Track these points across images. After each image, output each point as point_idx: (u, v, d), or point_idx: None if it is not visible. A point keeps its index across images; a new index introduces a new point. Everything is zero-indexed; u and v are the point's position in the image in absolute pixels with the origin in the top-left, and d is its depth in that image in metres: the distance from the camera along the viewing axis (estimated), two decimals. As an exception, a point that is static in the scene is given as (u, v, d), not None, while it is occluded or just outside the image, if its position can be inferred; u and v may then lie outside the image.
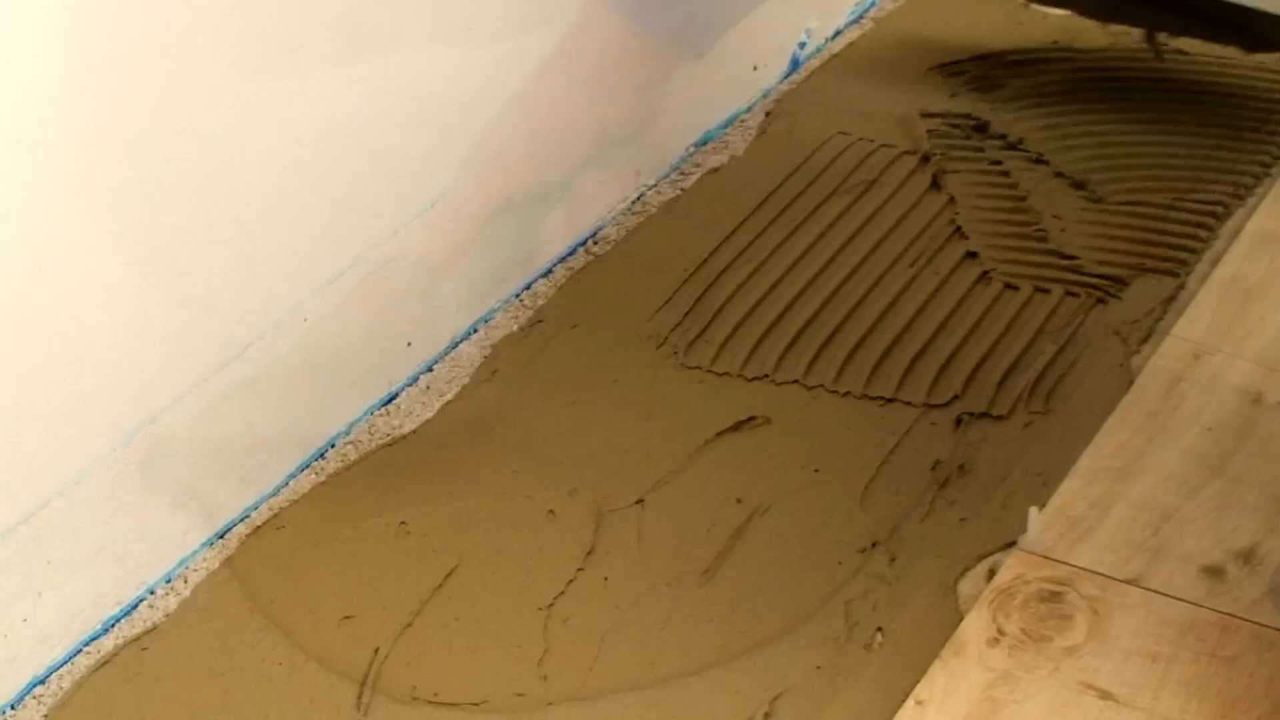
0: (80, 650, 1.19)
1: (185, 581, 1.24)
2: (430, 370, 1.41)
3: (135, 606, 1.22)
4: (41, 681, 1.17)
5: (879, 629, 1.19)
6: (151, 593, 1.23)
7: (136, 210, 1.13)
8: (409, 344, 1.39)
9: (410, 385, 1.40)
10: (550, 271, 1.51)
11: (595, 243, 1.55)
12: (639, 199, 1.60)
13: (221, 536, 1.27)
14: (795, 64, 1.77)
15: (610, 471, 1.31)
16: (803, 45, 1.78)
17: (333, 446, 1.34)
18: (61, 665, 1.18)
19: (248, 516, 1.28)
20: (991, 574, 1.21)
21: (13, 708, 1.15)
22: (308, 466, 1.32)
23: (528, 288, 1.49)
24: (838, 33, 1.83)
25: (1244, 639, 1.14)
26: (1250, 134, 1.64)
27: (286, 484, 1.31)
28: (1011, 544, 1.23)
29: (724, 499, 1.29)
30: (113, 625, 1.21)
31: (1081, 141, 1.64)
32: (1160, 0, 1.69)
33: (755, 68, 1.72)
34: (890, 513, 1.27)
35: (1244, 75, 1.73)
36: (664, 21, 1.57)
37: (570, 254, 1.53)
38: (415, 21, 1.30)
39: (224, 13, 1.14)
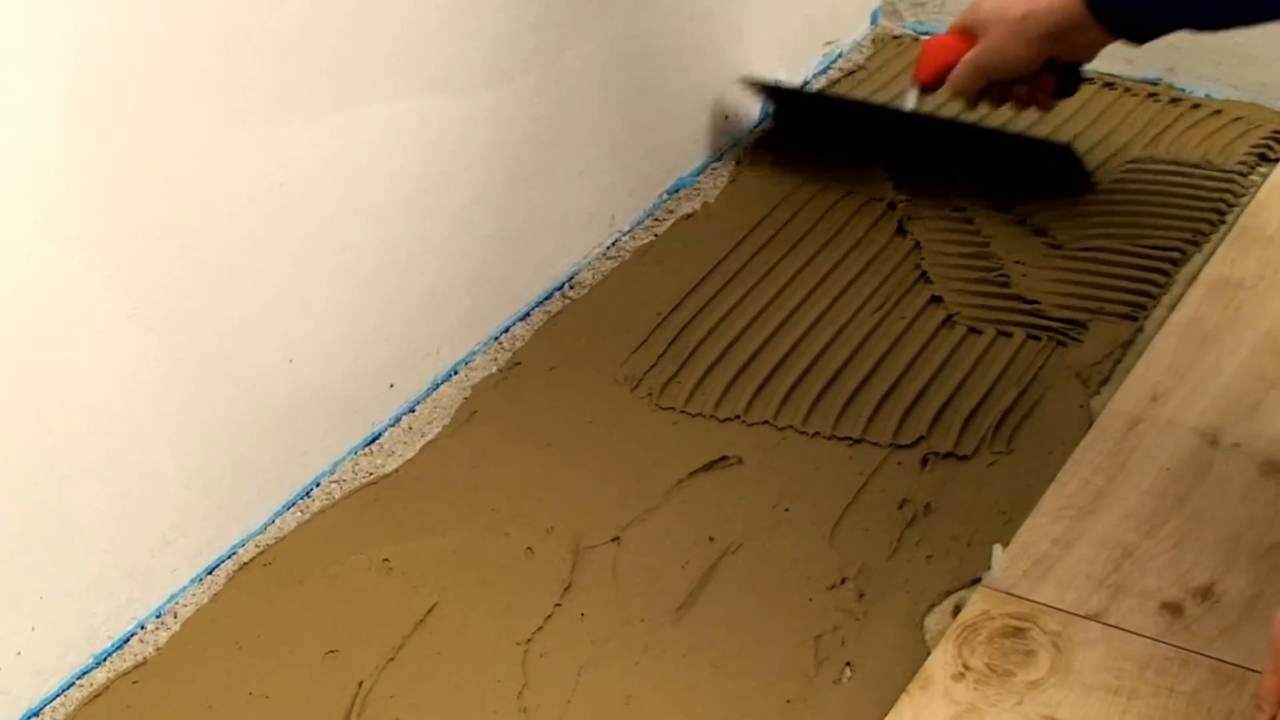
0: (72, 684, 1.20)
1: (175, 616, 1.25)
2: (412, 411, 1.43)
3: (126, 641, 1.23)
4: (35, 714, 1.18)
5: (848, 663, 1.20)
6: (142, 627, 1.24)
7: (125, 254, 1.15)
8: (391, 385, 1.41)
9: (393, 425, 1.41)
10: (528, 315, 1.53)
11: (571, 287, 1.57)
12: (614, 244, 1.62)
13: (210, 572, 1.28)
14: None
15: (587, 510, 1.33)
16: (772, 95, 1.80)
17: (318, 485, 1.36)
18: (54, 698, 1.19)
19: (235, 553, 1.30)
20: (957, 610, 1.23)
21: (7, 740, 1.17)
22: (293, 505, 1.34)
23: (506, 331, 1.51)
24: (805, 83, 1.85)
25: (1202, 674, 1.16)
26: (1206, 182, 1.67)
27: (273, 522, 1.32)
28: (976, 581, 1.25)
29: (697, 537, 1.31)
30: (104, 659, 1.22)
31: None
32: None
33: (727, 117, 1.74)
34: (858, 550, 1.29)
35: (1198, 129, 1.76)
36: (638, 71, 1.60)
37: (547, 298, 1.55)
38: (395, 73, 1.32)
39: (211, 62, 1.16)
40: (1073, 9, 1.48)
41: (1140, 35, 1.50)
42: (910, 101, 1.62)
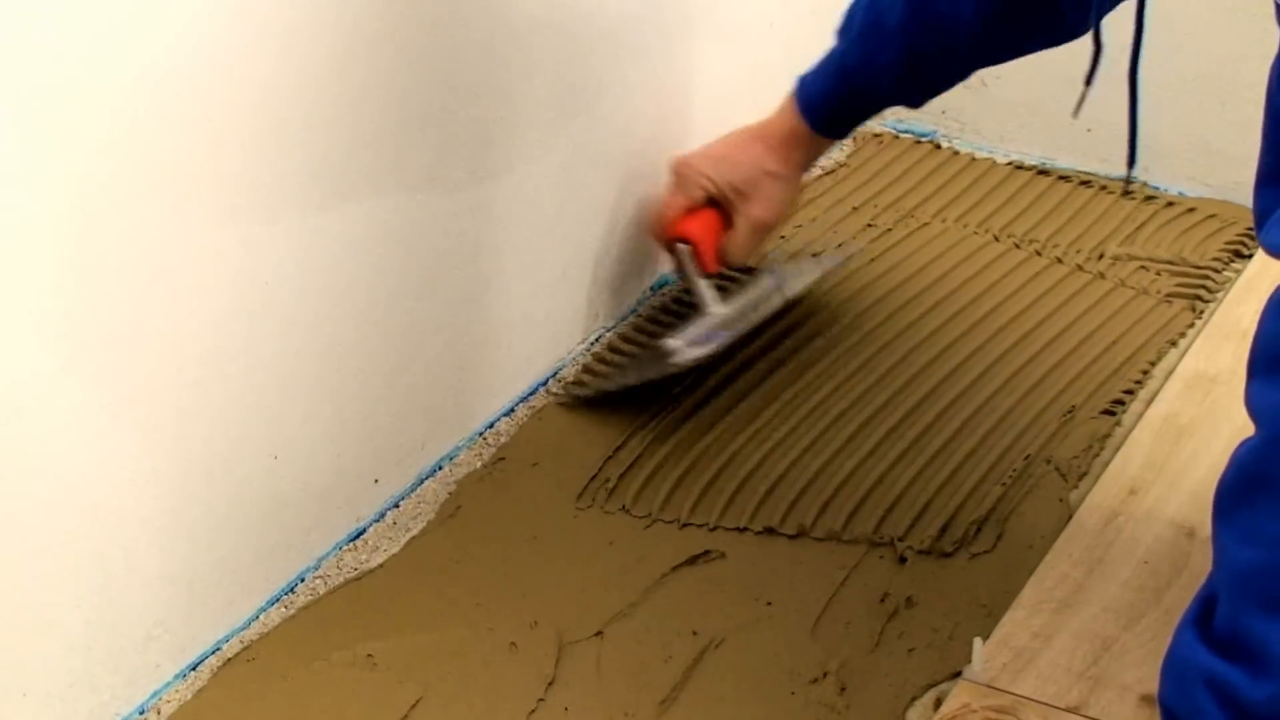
0: (55, 781, 1.20)
1: (158, 713, 1.25)
2: (396, 506, 1.44)
3: (110, 737, 1.23)
4: (18, 811, 1.17)
5: (830, 757, 1.21)
6: (125, 723, 1.24)
7: (110, 351, 1.15)
8: (376, 481, 1.42)
9: (377, 521, 1.42)
10: (512, 410, 1.54)
11: (556, 382, 1.58)
12: (597, 340, 1.63)
13: (194, 668, 1.28)
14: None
15: (570, 605, 1.33)
16: (752, 193, 1.81)
17: (302, 581, 1.36)
18: (38, 796, 1.18)
19: (219, 649, 1.30)
20: (938, 703, 1.24)
21: (-9, 837, 1.16)
22: (277, 600, 1.34)
23: (490, 426, 1.52)
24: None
25: (1181, 765, 1.17)
26: (1181, 279, 1.69)
27: (257, 617, 1.32)
28: (957, 674, 1.25)
29: (680, 631, 1.31)
30: (88, 756, 1.22)
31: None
32: None
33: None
34: (840, 644, 1.30)
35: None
36: (622, 170, 1.62)
37: (531, 393, 1.56)
38: (380, 172, 1.33)
39: (198, 162, 1.17)
40: (791, 118, 1.57)
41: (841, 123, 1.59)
42: (707, 301, 1.57)
